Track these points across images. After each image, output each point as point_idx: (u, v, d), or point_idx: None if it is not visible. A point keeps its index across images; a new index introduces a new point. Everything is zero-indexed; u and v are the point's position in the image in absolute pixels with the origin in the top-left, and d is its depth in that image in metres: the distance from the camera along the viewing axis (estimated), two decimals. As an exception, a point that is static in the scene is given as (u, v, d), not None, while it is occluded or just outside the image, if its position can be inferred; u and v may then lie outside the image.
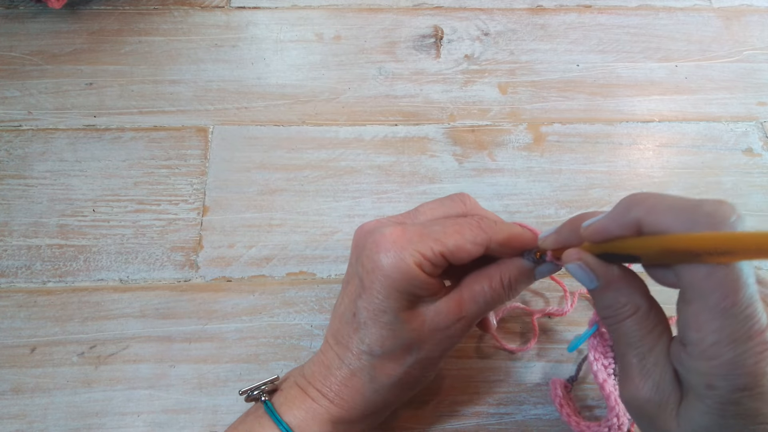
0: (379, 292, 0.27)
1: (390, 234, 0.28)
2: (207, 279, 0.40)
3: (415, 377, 0.30)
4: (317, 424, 0.29)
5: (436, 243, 0.27)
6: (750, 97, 0.50)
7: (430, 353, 0.29)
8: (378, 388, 0.29)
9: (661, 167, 0.46)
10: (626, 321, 0.24)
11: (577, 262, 0.25)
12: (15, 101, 0.47)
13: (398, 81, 0.50)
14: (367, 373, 0.29)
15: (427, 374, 0.30)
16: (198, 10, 0.53)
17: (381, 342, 0.28)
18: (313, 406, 0.29)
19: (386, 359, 0.29)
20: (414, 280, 0.27)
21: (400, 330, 0.28)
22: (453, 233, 0.28)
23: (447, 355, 0.30)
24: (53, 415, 0.35)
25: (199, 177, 0.44)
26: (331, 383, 0.29)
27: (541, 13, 0.54)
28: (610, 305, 0.25)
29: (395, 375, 0.29)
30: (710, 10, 0.55)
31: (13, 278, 0.40)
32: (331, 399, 0.29)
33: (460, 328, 0.29)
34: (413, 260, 0.27)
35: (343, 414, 0.29)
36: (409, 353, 0.29)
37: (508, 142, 0.47)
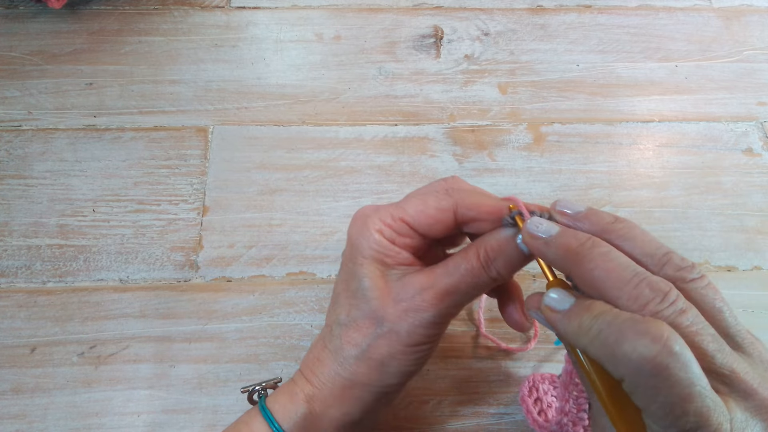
0: (349, 261, 0.29)
1: (362, 209, 0.30)
2: (207, 279, 0.40)
3: (380, 356, 0.28)
4: (293, 405, 0.28)
5: (396, 209, 0.28)
6: (750, 97, 0.50)
7: (395, 327, 0.27)
8: (343, 361, 0.28)
9: (661, 167, 0.46)
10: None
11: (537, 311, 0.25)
12: (15, 101, 0.47)
13: (398, 81, 0.50)
14: (335, 343, 0.29)
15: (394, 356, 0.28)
16: (198, 10, 0.53)
17: (348, 310, 0.29)
18: (292, 387, 0.29)
19: (351, 329, 0.28)
20: (375, 245, 0.28)
21: (365, 297, 0.28)
22: (414, 200, 0.28)
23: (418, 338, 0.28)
24: (53, 415, 0.35)
25: (199, 177, 0.44)
26: (309, 361, 0.30)
27: (541, 13, 0.54)
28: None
29: (359, 346, 0.28)
30: (710, 10, 0.55)
31: (13, 278, 0.40)
32: (307, 377, 0.29)
33: (428, 299, 0.27)
34: (374, 227, 0.28)
35: (315, 391, 0.29)
36: (374, 324, 0.28)
37: (508, 142, 0.47)
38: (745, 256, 0.42)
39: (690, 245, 0.42)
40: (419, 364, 0.29)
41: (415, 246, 0.29)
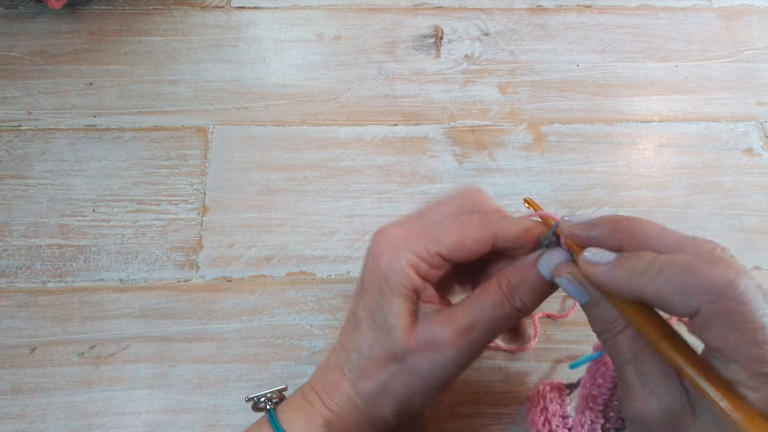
0: (376, 292, 0.27)
1: (389, 234, 0.27)
2: (207, 279, 0.40)
3: (397, 393, 0.27)
4: (312, 429, 0.28)
5: (432, 243, 0.26)
6: (750, 97, 0.50)
7: (416, 367, 0.27)
8: (361, 393, 0.28)
9: (661, 167, 0.46)
10: (619, 336, 0.23)
11: (567, 276, 0.24)
12: (15, 101, 0.47)
13: (398, 81, 0.50)
14: (354, 374, 0.28)
15: (412, 397, 0.27)
16: (198, 10, 0.53)
17: (371, 343, 0.27)
18: (310, 410, 0.28)
19: (371, 362, 0.27)
20: (407, 282, 0.26)
21: (390, 334, 0.26)
22: (452, 232, 0.27)
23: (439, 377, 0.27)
24: (53, 415, 0.35)
25: (199, 177, 0.44)
26: (325, 384, 0.29)
27: (541, 13, 0.54)
28: (602, 319, 0.24)
29: (377, 382, 0.27)
30: (710, 10, 0.55)
31: (13, 278, 0.40)
32: (324, 401, 0.28)
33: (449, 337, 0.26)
34: (406, 261, 0.26)
35: (333, 418, 0.28)
36: (393, 361, 0.27)
37: (508, 142, 0.47)
38: (745, 256, 0.42)
39: (690, 245, 0.42)
40: (434, 398, 0.28)
41: (443, 276, 0.28)
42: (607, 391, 0.29)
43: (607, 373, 0.29)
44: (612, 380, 0.28)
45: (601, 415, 0.29)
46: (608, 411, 0.29)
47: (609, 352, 0.24)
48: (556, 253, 0.26)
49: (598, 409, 0.29)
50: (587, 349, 0.38)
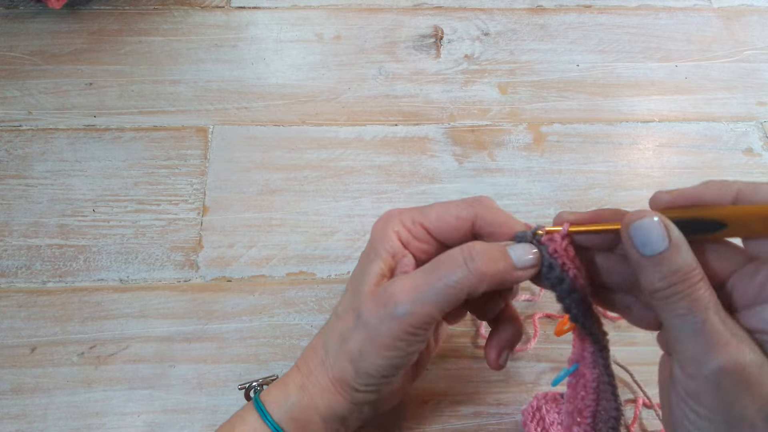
0: (364, 257, 0.30)
1: (390, 210, 0.30)
2: (207, 279, 0.40)
3: (354, 349, 0.27)
4: (284, 395, 0.29)
5: (419, 214, 0.29)
6: (750, 97, 0.50)
7: (370, 322, 0.27)
8: (328, 350, 0.29)
9: (661, 167, 0.46)
10: (702, 282, 0.22)
11: (655, 215, 0.23)
12: (15, 101, 0.47)
13: (398, 81, 0.50)
14: (326, 333, 0.29)
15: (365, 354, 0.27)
16: (198, 10, 0.53)
17: (344, 302, 0.29)
18: (285, 380, 0.30)
19: (340, 319, 0.29)
20: (388, 246, 0.28)
21: (359, 291, 0.28)
22: (437, 207, 0.29)
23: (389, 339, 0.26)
24: (53, 415, 0.35)
25: (199, 177, 0.44)
26: (305, 353, 0.30)
27: (541, 13, 0.54)
28: (680, 268, 0.22)
29: (341, 336, 0.28)
30: (710, 10, 0.55)
31: (13, 278, 0.40)
32: (299, 367, 0.30)
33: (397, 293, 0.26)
34: (392, 228, 0.29)
35: (304, 380, 0.29)
36: (354, 317, 0.28)
37: (508, 142, 0.47)
38: (745, 256, 0.42)
39: (690, 245, 0.42)
40: (393, 368, 0.28)
41: (430, 252, 0.29)
42: (592, 402, 0.28)
43: (588, 383, 0.28)
44: (594, 390, 0.28)
45: (591, 428, 0.28)
46: (597, 422, 0.28)
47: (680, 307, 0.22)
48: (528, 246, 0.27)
49: (586, 422, 0.28)
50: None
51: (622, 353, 0.37)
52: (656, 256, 0.23)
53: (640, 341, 0.38)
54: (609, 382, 0.28)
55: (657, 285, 0.23)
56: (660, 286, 0.23)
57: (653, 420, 0.36)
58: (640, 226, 0.23)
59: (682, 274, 0.22)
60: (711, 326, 0.22)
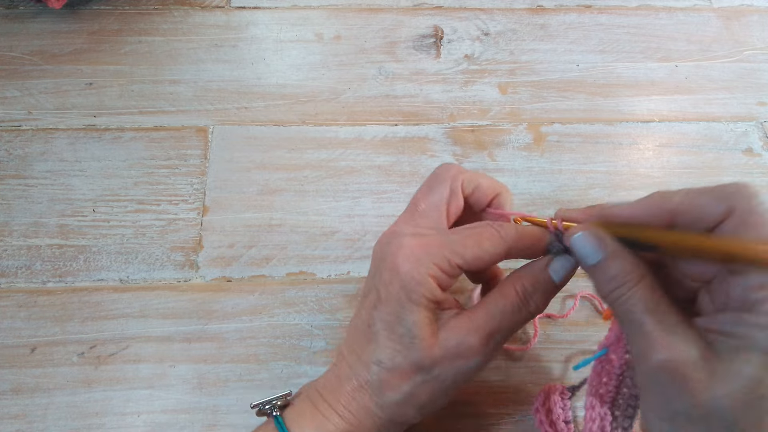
0: (395, 303, 0.27)
1: (407, 245, 0.28)
2: (207, 279, 0.40)
3: (422, 400, 0.28)
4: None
5: (453, 255, 0.27)
6: (750, 97, 0.50)
7: (441, 375, 0.27)
8: (383, 405, 0.28)
9: (661, 167, 0.46)
10: (637, 286, 0.24)
11: (584, 231, 0.25)
12: (15, 101, 0.47)
13: (398, 81, 0.50)
14: (375, 386, 0.28)
15: (436, 401, 0.28)
16: (198, 10, 0.53)
17: (392, 355, 0.27)
18: (322, 421, 0.28)
19: (394, 374, 0.28)
20: (429, 293, 0.27)
21: (413, 346, 0.27)
22: (471, 244, 0.27)
23: (461, 382, 0.28)
24: (53, 415, 0.35)
25: (199, 177, 0.44)
26: (340, 396, 0.29)
27: (541, 13, 0.54)
28: (616, 275, 0.24)
29: (401, 392, 0.28)
30: (710, 10, 0.55)
31: (13, 278, 0.40)
32: (340, 413, 0.28)
33: (475, 346, 0.27)
34: (429, 272, 0.27)
35: (350, 429, 0.28)
36: (418, 372, 0.27)
37: (508, 142, 0.47)
38: (745, 256, 0.42)
39: (690, 245, 0.42)
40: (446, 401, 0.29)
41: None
42: (613, 389, 0.29)
43: (612, 370, 0.29)
44: (617, 377, 0.28)
45: (610, 412, 0.29)
46: (614, 410, 0.29)
47: (623, 310, 0.24)
48: (565, 259, 0.28)
49: (606, 406, 0.29)
50: (587, 348, 0.38)
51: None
52: (595, 266, 0.25)
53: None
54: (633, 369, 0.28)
55: (602, 291, 0.25)
56: (603, 292, 0.25)
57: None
58: (575, 241, 0.26)
59: (619, 279, 0.24)
60: (647, 327, 0.23)
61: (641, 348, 0.23)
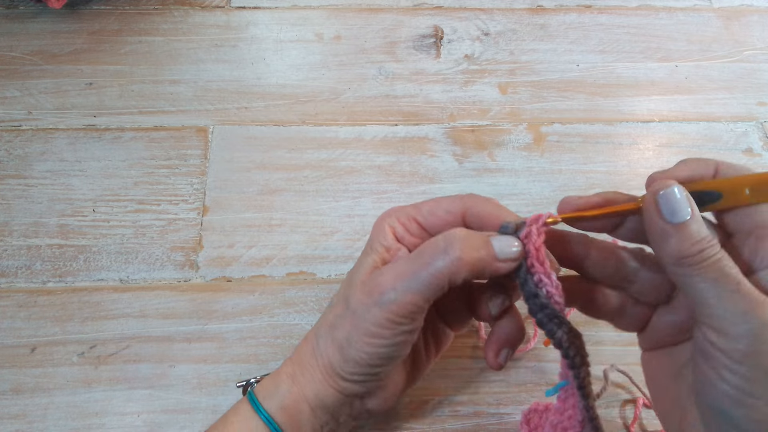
0: (363, 253, 0.30)
1: (390, 209, 0.31)
2: (207, 279, 0.40)
3: (340, 337, 0.28)
4: (275, 385, 0.29)
5: (413, 209, 0.30)
6: (750, 97, 0.50)
7: (357, 308, 0.27)
8: (318, 338, 0.29)
9: (661, 167, 0.45)
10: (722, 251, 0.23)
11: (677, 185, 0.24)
12: (15, 101, 0.47)
13: (398, 81, 0.50)
14: (318, 323, 0.30)
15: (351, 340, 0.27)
16: (198, 10, 0.53)
17: (337, 294, 0.30)
18: (278, 371, 0.30)
19: (331, 309, 0.30)
20: (383, 240, 0.29)
21: (351, 282, 0.29)
22: (430, 202, 0.30)
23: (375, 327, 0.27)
24: (53, 415, 0.35)
25: (199, 177, 0.44)
26: (299, 345, 0.31)
27: (541, 13, 0.54)
28: (707, 235, 0.23)
29: (330, 324, 0.29)
30: (710, 10, 0.55)
31: (13, 278, 0.40)
32: (291, 358, 0.30)
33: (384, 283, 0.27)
34: (388, 223, 0.30)
35: (295, 369, 0.29)
36: (345, 303, 0.29)
37: (508, 142, 0.47)
38: (745, 256, 0.42)
39: (690, 245, 0.42)
40: (378, 358, 0.27)
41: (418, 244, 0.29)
42: (577, 424, 0.27)
43: (576, 403, 0.27)
44: (581, 412, 0.27)
45: None
46: None
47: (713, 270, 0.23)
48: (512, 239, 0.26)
49: None
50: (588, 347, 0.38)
51: (622, 353, 0.37)
52: (683, 222, 0.23)
53: (640, 341, 0.38)
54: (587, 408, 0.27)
55: (689, 251, 0.23)
56: (692, 251, 0.23)
57: (653, 420, 0.36)
58: (666, 195, 0.24)
59: (709, 239, 0.23)
60: (746, 287, 0.22)
61: (736, 311, 0.22)
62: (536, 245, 0.26)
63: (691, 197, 0.24)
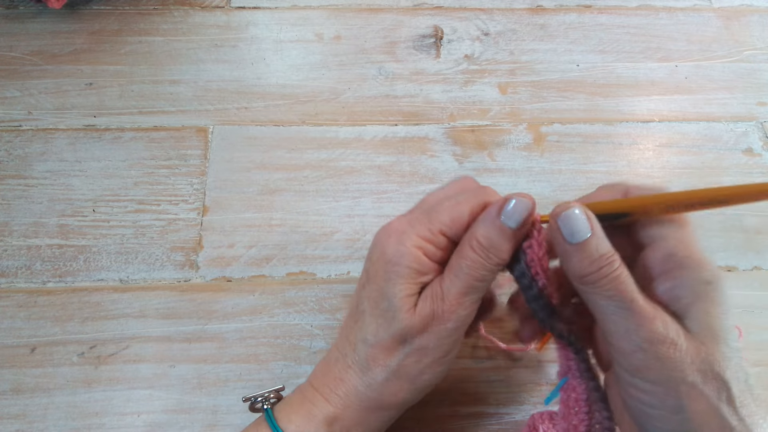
0: (381, 279, 0.28)
1: (393, 223, 0.28)
2: (207, 279, 0.40)
3: (411, 373, 0.28)
4: (312, 426, 0.28)
5: (432, 222, 0.28)
6: (750, 97, 0.50)
7: (424, 343, 0.27)
8: (371, 383, 0.28)
9: (661, 167, 0.46)
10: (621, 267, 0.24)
11: (577, 207, 0.25)
12: (15, 101, 0.47)
13: (398, 81, 0.50)
14: (361, 365, 0.28)
15: (424, 371, 0.28)
16: (198, 10, 0.53)
17: (375, 330, 0.28)
18: (309, 408, 0.28)
19: (379, 349, 0.28)
20: (414, 264, 0.27)
21: (395, 318, 0.27)
22: (448, 209, 0.28)
23: (446, 348, 0.28)
24: (53, 415, 0.35)
25: (199, 177, 0.44)
26: (328, 380, 0.29)
27: (541, 13, 0.54)
28: (604, 253, 0.25)
29: (388, 367, 0.27)
30: (710, 10, 0.55)
31: (13, 278, 0.40)
32: (326, 397, 0.28)
33: (448, 308, 0.27)
34: (412, 243, 0.27)
35: (337, 413, 0.28)
36: (402, 344, 0.27)
37: (508, 142, 0.47)
38: (745, 256, 0.42)
39: (690, 245, 0.42)
40: (446, 372, 0.29)
41: (446, 256, 0.28)
42: (585, 416, 0.28)
43: (579, 397, 0.28)
44: (585, 403, 0.28)
45: None
46: None
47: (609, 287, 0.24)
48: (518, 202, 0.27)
49: None
50: (587, 349, 0.38)
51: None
52: (582, 242, 0.25)
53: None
54: (597, 389, 0.28)
55: (586, 270, 0.25)
56: (589, 270, 0.25)
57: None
58: (566, 216, 0.25)
59: (606, 257, 0.24)
60: (638, 304, 0.24)
61: (630, 326, 0.24)
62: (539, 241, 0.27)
63: (593, 217, 0.25)
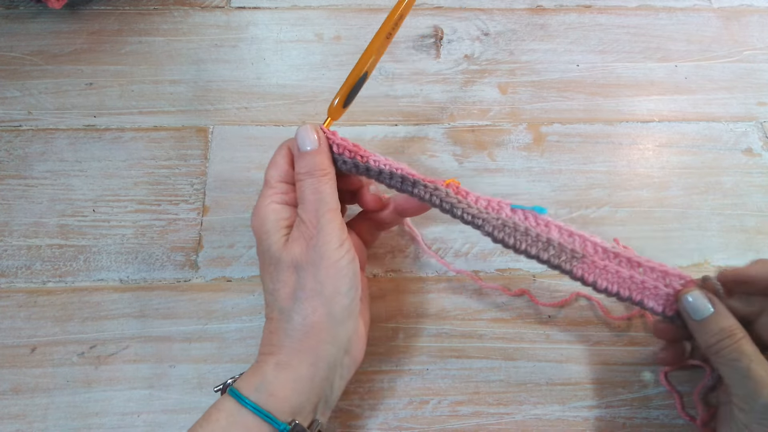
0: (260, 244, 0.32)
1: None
2: (207, 279, 0.40)
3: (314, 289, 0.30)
4: (256, 375, 0.30)
5: (267, 181, 0.33)
6: (750, 97, 0.50)
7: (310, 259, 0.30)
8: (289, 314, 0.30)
9: (661, 167, 0.46)
10: (743, 339, 0.29)
11: (694, 291, 0.31)
12: (15, 101, 0.47)
13: (398, 81, 0.50)
14: (278, 309, 0.31)
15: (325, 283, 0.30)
16: (198, 10, 0.53)
17: (271, 277, 0.31)
18: (255, 365, 0.31)
19: (281, 287, 0.31)
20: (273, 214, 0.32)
21: (279, 258, 0.31)
22: (270, 165, 0.34)
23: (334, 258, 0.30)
24: (53, 415, 0.35)
25: (199, 177, 0.44)
26: (265, 341, 0.31)
27: (541, 13, 0.54)
28: (725, 327, 0.30)
29: (293, 293, 0.30)
30: (710, 10, 0.55)
31: (13, 278, 0.40)
32: (268, 352, 0.30)
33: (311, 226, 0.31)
34: (265, 204, 0.32)
35: (280, 358, 0.30)
36: (295, 272, 0.30)
37: (508, 142, 0.47)
38: (745, 256, 0.42)
39: (690, 245, 0.42)
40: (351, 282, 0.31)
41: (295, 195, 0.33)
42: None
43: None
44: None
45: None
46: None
47: (730, 358, 0.29)
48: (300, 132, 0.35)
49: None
50: (587, 347, 0.38)
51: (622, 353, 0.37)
52: (704, 320, 0.30)
53: (640, 341, 0.38)
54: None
55: (709, 341, 0.30)
56: (711, 342, 0.30)
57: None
58: (689, 297, 0.31)
59: (727, 332, 0.29)
60: (755, 371, 0.28)
61: (747, 391, 0.28)
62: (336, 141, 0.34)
63: (713, 298, 0.31)
